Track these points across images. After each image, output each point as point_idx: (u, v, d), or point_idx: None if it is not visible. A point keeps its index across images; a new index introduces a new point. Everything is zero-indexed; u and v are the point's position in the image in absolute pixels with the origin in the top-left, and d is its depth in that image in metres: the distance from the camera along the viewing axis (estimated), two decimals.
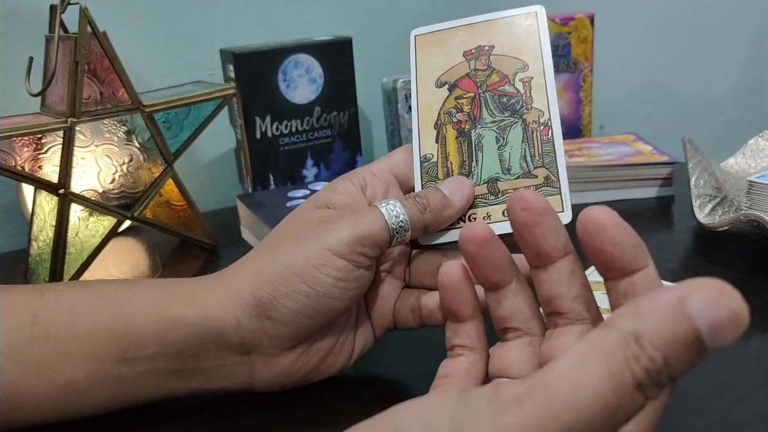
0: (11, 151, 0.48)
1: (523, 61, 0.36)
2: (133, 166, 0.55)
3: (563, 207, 0.33)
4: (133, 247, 0.62)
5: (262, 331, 0.31)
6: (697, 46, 1.00)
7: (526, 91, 0.35)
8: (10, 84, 0.56)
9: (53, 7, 0.50)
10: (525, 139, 0.35)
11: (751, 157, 0.63)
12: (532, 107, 0.35)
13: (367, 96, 0.75)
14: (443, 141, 0.36)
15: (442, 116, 0.36)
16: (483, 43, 0.37)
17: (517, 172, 0.34)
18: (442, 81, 0.37)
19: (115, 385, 0.32)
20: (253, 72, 0.62)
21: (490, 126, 0.35)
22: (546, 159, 0.34)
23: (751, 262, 0.48)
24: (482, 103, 0.36)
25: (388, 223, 0.32)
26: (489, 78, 0.36)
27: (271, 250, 0.33)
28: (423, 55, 0.38)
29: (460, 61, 0.37)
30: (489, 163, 0.35)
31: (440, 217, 0.33)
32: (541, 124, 0.35)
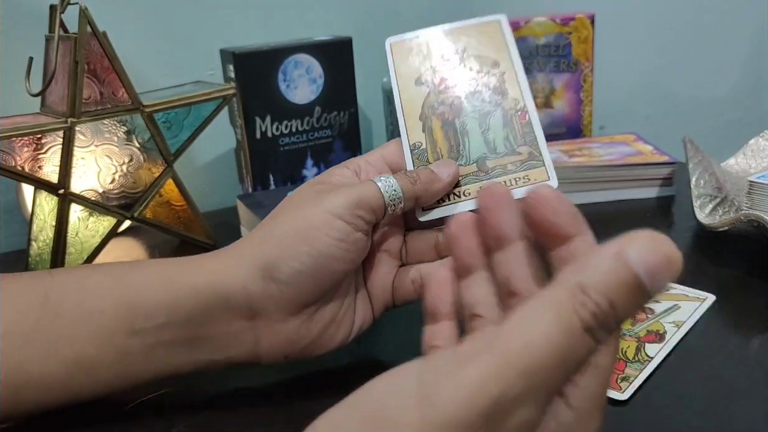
0: (11, 151, 0.49)
1: (495, 59, 0.40)
2: (133, 166, 0.55)
3: (548, 175, 0.36)
4: (133, 247, 0.62)
5: (267, 293, 0.33)
6: (698, 46, 1.00)
7: (500, 83, 0.39)
8: (10, 84, 0.56)
9: (53, 7, 0.50)
10: (505, 123, 0.38)
11: (752, 157, 0.63)
12: (508, 97, 0.38)
13: (367, 96, 0.75)
14: (430, 131, 0.38)
15: (425, 109, 0.39)
16: (456, 45, 0.41)
17: (503, 150, 0.37)
18: (421, 80, 0.40)
19: (123, 360, 0.33)
20: (253, 72, 0.62)
21: (471, 115, 0.38)
22: (527, 138, 0.37)
23: (752, 262, 0.48)
24: (463, 96, 0.39)
25: (383, 191, 0.34)
26: (465, 76, 0.39)
27: (274, 219, 0.35)
28: (400, 59, 0.41)
29: (436, 63, 0.40)
30: (476, 146, 0.38)
31: (430, 189, 0.35)
32: (518, 110, 0.38)
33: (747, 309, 0.41)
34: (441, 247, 0.37)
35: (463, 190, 0.37)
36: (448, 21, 0.41)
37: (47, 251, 0.52)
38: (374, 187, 0.34)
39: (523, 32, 0.72)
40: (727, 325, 0.40)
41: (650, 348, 0.38)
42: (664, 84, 1.00)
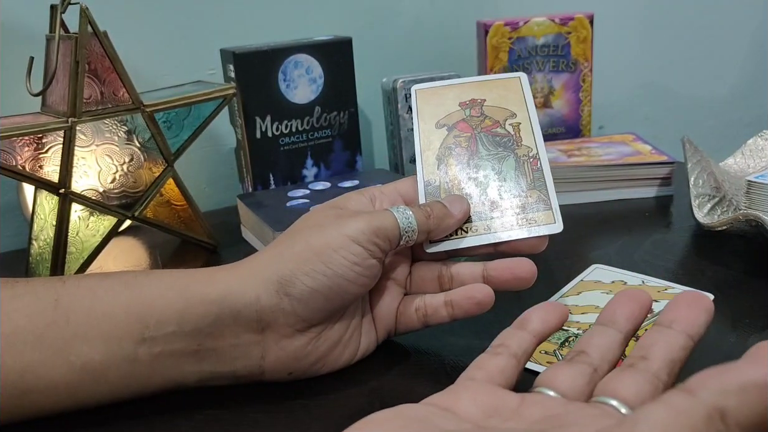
0: (12, 150, 0.49)
1: (512, 111, 0.43)
2: (133, 166, 0.55)
3: (555, 219, 0.38)
4: (134, 246, 0.62)
5: (279, 307, 0.33)
6: (697, 46, 1.00)
7: (516, 132, 0.42)
8: (11, 84, 0.56)
9: (54, 7, 0.50)
10: (518, 167, 0.40)
11: (750, 157, 0.63)
12: (522, 144, 0.41)
13: (367, 96, 0.75)
14: (445, 169, 0.41)
15: (443, 150, 0.42)
16: (476, 96, 0.43)
17: (513, 193, 0.40)
18: (441, 123, 0.43)
19: (130, 367, 0.33)
20: (253, 72, 0.62)
21: (486, 158, 0.41)
22: (537, 183, 0.40)
23: (750, 262, 0.48)
24: (478, 141, 0.42)
25: (399, 222, 0.36)
26: (483, 122, 0.42)
27: (291, 237, 0.36)
28: (423, 103, 0.44)
29: (457, 110, 0.43)
30: (487, 186, 0.40)
31: (442, 224, 0.37)
32: (531, 157, 0.41)
33: (745, 308, 0.41)
34: (444, 279, 0.39)
35: (471, 226, 0.39)
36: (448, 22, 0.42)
37: (48, 251, 0.52)
38: (392, 217, 0.36)
39: (522, 32, 0.72)
40: (725, 324, 0.40)
41: None
42: (662, 84, 1.00)
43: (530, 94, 0.44)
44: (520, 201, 0.39)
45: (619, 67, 0.93)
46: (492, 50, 0.71)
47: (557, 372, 0.27)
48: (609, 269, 0.48)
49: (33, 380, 0.32)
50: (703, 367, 0.35)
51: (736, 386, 0.18)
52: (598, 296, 0.44)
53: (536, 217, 0.39)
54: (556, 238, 0.36)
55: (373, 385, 0.37)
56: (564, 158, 0.66)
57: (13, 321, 0.32)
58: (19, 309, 0.32)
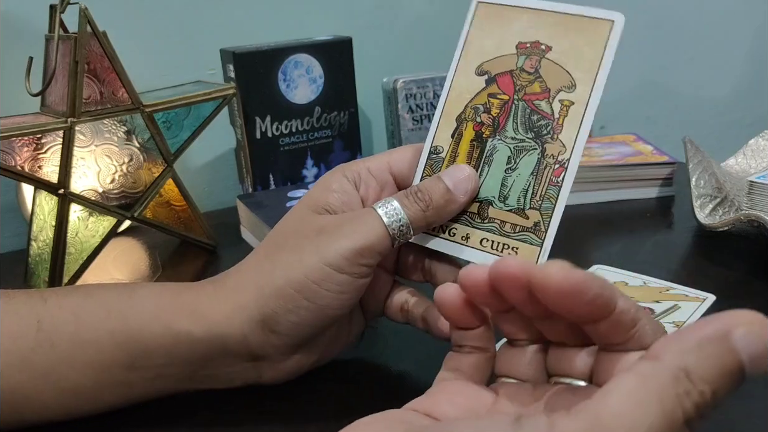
0: (11, 151, 0.48)
1: (573, 79, 0.33)
2: (133, 166, 0.55)
3: (537, 261, 0.31)
4: (133, 247, 0.62)
5: (267, 342, 0.32)
6: (698, 46, 1.00)
7: (561, 116, 0.33)
8: (10, 84, 0.56)
9: (53, 6, 0.50)
10: (535, 171, 0.32)
11: (752, 158, 0.63)
12: (557, 138, 0.32)
13: (367, 96, 0.75)
14: (459, 138, 0.34)
15: (468, 110, 0.34)
16: (542, 39, 0.34)
17: (512, 205, 0.33)
18: (483, 69, 0.34)
19: (125, 389, 0.33)
20: (253, 72, 0.62)
21: (508, 142, 0.33)
22: (544, 203, 0.32)
23: (752, 263, 0.48)
24: (512, 112, 0.33)
25: (387, 228, 0.31)
26: (530, 85, 0.33)
27: (271, 261, 0.33)
28: (478, 29, 0.35)
29: (511, 53, 0.34)
30: (490, 183, 0.33)
31: (443, 213, 0.33)
32: (558, 161, 0.32)
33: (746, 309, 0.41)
34: (425, 270, 0.36)
35: (452, 228, 0.34)
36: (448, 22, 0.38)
37: (47, 251, 0.52)
38: (378, 224, 0.31)
39: None
40: None
41: None
42: (664, 84, 1.00)
43: (612, 53, 0.33)
44: (513, 219, 0.32)
45: (620, 66, 0.93)
46: None
47: (512, 360, 0.27)
48: (610, 270, 0.47)
49: (23, 401, 0.31)
50: None
51: (693, 344, 0.19)
52: None
53: (519, 249, 0.32)
54: (556, 239, 0.35)
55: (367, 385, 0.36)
56: None
57: None
58: (1, 330, 0.31)
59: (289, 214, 0.35)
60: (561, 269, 0.21)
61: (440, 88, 0.67)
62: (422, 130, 0.68)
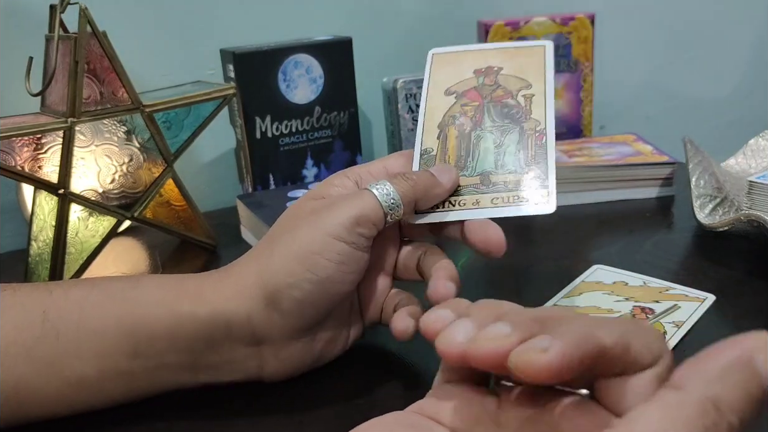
0: (11, 151, 0.48)
1: (528, 81, 0.40)
2: (133, 166, 0.55)
3: (548, 199, 0.36)
4: (133, 247, 0.62)
5: (271, 321, 0.33)
6: (698, 46, 1.00)
7: (527, 104, 0.39)
8: (10, 84, 0.56)
9: (53, 6, 0.50)
10: (520, 141, 0.38)
11: (752, 157, 0.63)
12: (530, 118, 0.38)
13: (367, 96, 0.75)
14: (444, 139, 0.39)
15: (446, 118, 0.39)
16: (493, 64, 0.41)
17: (510, 167, 0.37)
18: (450, 90, 0.40)
19: (127, 380, 0.33)
20: (253, 72, 0.62)
21: (489, 129, 0.39)
22: (537, 159, 0.37)
23: (752, 263, 0.48)
24: (485, 111, 0.39)
25: (380, 201, 0.33)
26: (494, 92, 0.40)
27: (271, 243, 0.34)
28: (437, 69, 0.42)
29: (470, 77, 0.41)
30: (486, 158, 0.38)
31: (429, 193, 0.35)
32: (537, 131, 0.38)
33: (747, 309, 0.41)
34: (421, 266, 0.37)
35: (460, 200, 0.37)
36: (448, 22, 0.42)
37: (47, 251, 0.52)
38: (371, 197, 0.34)
39: (522, 32, 0.72)
40: (727, 325, 0.40)
41: None
42: (664, 84, 1.00)
43: (552, 65, 0.40)
44: (515, 177, 0.37)
45: (620, 66, 0.93)
46: None
47: None
48: (610, 270, 0.47)
49: (27, 393, 0.32)
50: None
51: (718, 372, 0.19)
52: (599, 297, 0.44)
53: (529, 194, 0.36)
54: (557, 239, 0.35)
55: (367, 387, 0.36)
56: (565, 158, 0.65)
57: (2, 334, 0.31)
58: (7, 321, 0.32)
59: (290, 206, 0.37)
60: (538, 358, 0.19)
61: None
62: None
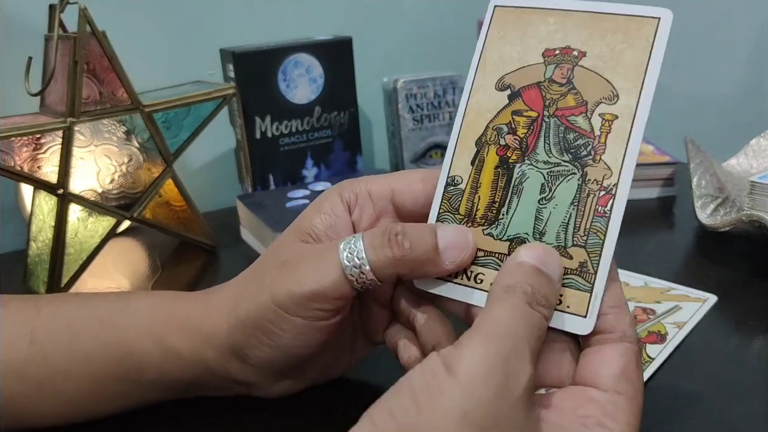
0: (10, 151, 0.48)
1: (614, 89, 0.28)
2: (132, 166, 0.55)
3: (587, 311, 0.26)
4: (133, 247, 0.62)
5: (245, 370, 0.32)
6: (699, 45, 1.00)
7: (603, 133, 0.28)
8: (10, 84, 0.56)
9: (52, 6, 0.50)
10: (576, 200, 0.27)
11: (753, 158, 0.63)
12: (600, 159, 0.27)
13: (367, 96, 0.75)
14: (480, 165, 0.29)
15: (489, 132, 0.29)
16: (574, 44, 0.29)
17: (550, 242, 0.27)
18: (505, 83, 0.30)
19: (121, 400, 0.33)
20: (253, 72, 0.62)
21: (540, 167, 0.28)
22: (591, 239, 0.27)
23: (753, 263, 0.48)
24: (542, 131, 0.29)
25: (345, 272, 0.28)
26: (563, 99, 0.29)
27: (244, 286, 0.32)
28: (496, 36, 0.30)
29: (537, 62, 0.29)
30: (522, 217, 0.28)
31: (417, 271, 0.29)
32: (604, 188, 0.27)
33: (748, 310, 0.41)
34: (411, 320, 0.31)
35: (477, 273, 0.28)
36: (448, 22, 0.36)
37: (46, 251, 0.51)
38: (334, 268, 0.28)
39: None
40: (729, 325, 0.40)
41: (651, 349, 0.38)
42: (665, 84, 0.99)
43: (661, 56, 0.28)
44: None
45: None
46: None
47: None
48: None
49: (21, 411, 0.32)
50: (707, 369, 0.35)
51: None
52: None
53: (563, 295, 0.26)
54: None
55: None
56: None
57: None
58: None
59: (282, 234, 0.33)
60: None
61: (440, 88, 0.67)
62: (422, 129, 0.68)
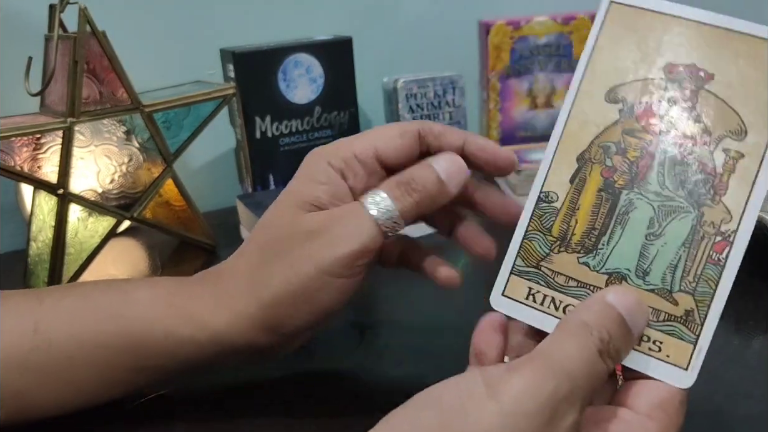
0: (10, 151, 0.48)
1: (743, 123, 0.25)
2: (132, 166, 0.55)
3: (689, 364, 0.24)
4: (133, 247, 0.62)
5: (274, 341, 0.33)
6: None
7: (726, 171, 0.25)
8: (10, 84, 0.56)
9: (53, 6, 0.50)
10: (688, 242, 0.25)
11: None
12: (720, 201, 0.25)
13: (367, 96, 0.75)
14: (580, 185, 0.26)
15: (594, 148, 0.26)
16: (701, 63, 0.26)
17: (655, 283, 0.25)
18: (617, 95, 0.26)
19: (130, 386, 0.34)
20: (253, 72, 0.62)
21: (651, 198, 0.25)
22: (701, 286, 0.24)
23: (753, 263, 0.48)
24: (656, 159, 0.25)
25: (379, 225, 0.30)
26: (683, 125, 0.26)
27: (268, 269, 0.32)
28: (610, 38, 0.26)
29: (656, 77, 0.26)
30: (625, 250, 0.25)
31: (433, 205, 0.31)
32: (720, 233, 0.25)
33: (749, 310, 0.41)
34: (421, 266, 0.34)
35: (567, 304, 0.25)
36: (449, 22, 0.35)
37: (46, 251, 0.51)
38: (371, 225, 0.30)
39: (523, 32, 0.72)
40: (728, 326, 0.40)
41: None
42: None
43: None
44: (656, 300, 0.25)
45: None
46: (494, 50, 0.71)
47: None
48: None
49: (27, 401, 0.32)
50: (707, 369, 0.35)
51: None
52: None
53: (663, 342, 0.24)
54: None
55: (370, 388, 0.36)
56: None
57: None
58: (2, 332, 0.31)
59: (276, 210, 0.34)
60: None
61: (440, 88, 0.67)
62: None
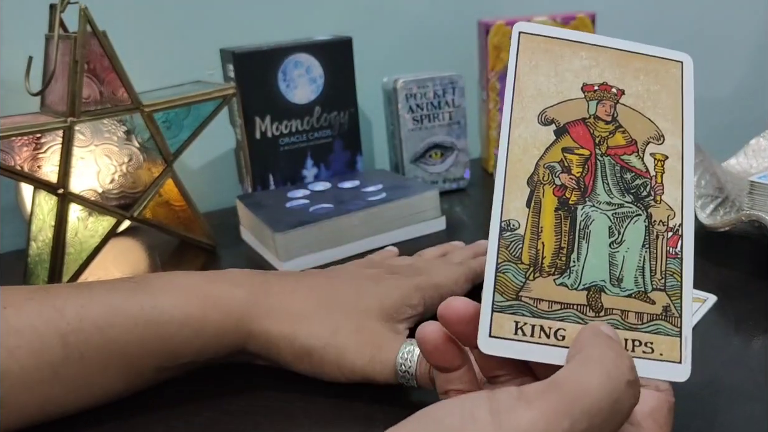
0: (10, 150, 0.48)
1: (659, 129, 0.27)
2: (132, 166, 0.55)
3: (681, 356, 0.25)
4: (133, 247, 0.62)
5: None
6: (699, 46, 0.99)
7: (658, 173, 0.27)
8: (10, 84, 0.56)
9: (53, 6, 0.50)
10: (647, 243, 0.26)
11: (753, 158, 0.63)
12: (661, 200, 0.27)
13: (367, 96, 0.75)
14: (537, 207, 0.26)
15: (541, 170, 0.27)
16: (611, 81, 0.28)
17: (630, 288, 0.26)
18: (548, 117, 0.27)
19: (152, 382, 0.35)
20: (253, 72, 0.62)
21: (604, 209, 0.26)
22: (669, 281, 0.26)
23: (753, 263, 0.48)
24: (598, 171, 0.27)
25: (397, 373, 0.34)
26: (611, 137, 0.27)
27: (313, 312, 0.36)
28: (527, 65, 0.28)
29: (577, 97, 0.27)
30: (595, 263, 0.26)
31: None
32: (671, 229, 0.26)
33: (748, 310, 0.41)
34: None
35: (557, 329, 0.25)
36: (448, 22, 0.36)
37: (46, 251, 0.51)
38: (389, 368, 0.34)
39: None
40: (729, 326, 0.40)
41: None
42: None
43: (691, 101, 0.27)
44: (635, 305, 0.25)
45: None
46: (493, 50, 0.71)
47: None
48: None
49: (55, 410, 0.33)
50: (707, 369, 0.35)
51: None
52: None
53: (653, 343, 0.25)
54: None
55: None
56: None
57: (19, 360, 0.31)
58: (21, 346, 0.31)
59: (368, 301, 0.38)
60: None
61: (440, 88, 0.67)
62: (422, 130, 0.68)
